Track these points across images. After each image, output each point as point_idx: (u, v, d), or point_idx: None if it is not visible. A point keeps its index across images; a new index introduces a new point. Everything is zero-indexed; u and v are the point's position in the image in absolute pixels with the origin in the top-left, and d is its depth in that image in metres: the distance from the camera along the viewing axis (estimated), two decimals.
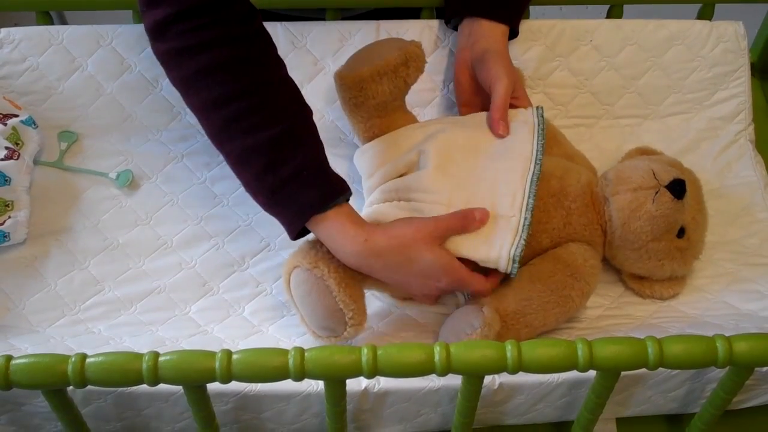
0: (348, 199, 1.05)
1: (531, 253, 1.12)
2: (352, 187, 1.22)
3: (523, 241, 1.06)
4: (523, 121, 1.17)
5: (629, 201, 1.13)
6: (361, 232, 1.02)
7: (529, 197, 1.09)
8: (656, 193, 1.12)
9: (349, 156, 1.25)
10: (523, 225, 1.07)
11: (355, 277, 1.05)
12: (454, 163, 1.13)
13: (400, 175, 1.14)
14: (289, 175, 1.01)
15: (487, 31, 1.24)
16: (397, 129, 1.19)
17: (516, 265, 1.05)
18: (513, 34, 1.28)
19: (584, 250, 1.13)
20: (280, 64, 1.06)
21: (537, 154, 1.13)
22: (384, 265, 1.03)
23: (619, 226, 1.13)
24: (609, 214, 1.15)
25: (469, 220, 1.06)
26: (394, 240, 1.03)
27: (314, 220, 1.02)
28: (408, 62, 1.13)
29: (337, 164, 1.28)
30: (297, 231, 1.03)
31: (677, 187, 1.12)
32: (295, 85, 1.06)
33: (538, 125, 1.16)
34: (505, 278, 1.10)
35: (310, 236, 1.06)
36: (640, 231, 1.13)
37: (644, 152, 1.27)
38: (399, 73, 1.13)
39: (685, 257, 1.16)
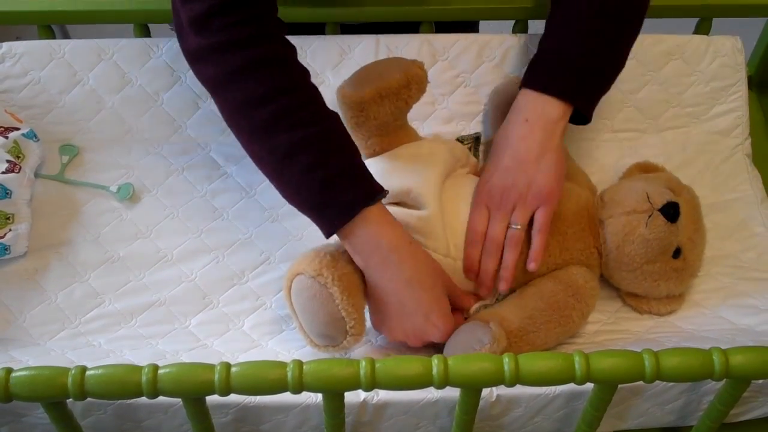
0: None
1: (529, 278, 1.14)
2: None
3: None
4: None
5: (623, 225, 1.14)
6: (400, 225, 1.06)
7: None
8: (649, 216, 1.12)
9: None
10: None
11: (358, 287, 1.05)
12: (446, 206, 1.13)
13: (400, 201, 1.14)
14: (339, 170, 1.02)
15: (527, 102, 1.16)
16: (398, 147, 1.19)
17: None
18: (580, 118, 1.18)
19: (584, 271, 1.14)
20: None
21: None
22: (400, 269, 1.04)
23: (614, 249, 1.14)
24: (604, 237, 1.16)
25: (465, 304, 1.13)
26: (422, 256, 1.06)
27: (362, 213, 1.03)
28: (410, 84, 1.12)
29: None
30: (343, 225, 1.03)
31: (670, 211, 1.12)
32: None
33: None
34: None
35: (321, 245, 1.07)
36: (634, 254, 1.13)
37: (644, 168, 1.28)
38: (401, 95, 1.12)
39: (682, 277, 1.16)
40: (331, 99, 1.10)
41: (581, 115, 1.17)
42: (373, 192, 1.04)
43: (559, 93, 1.13)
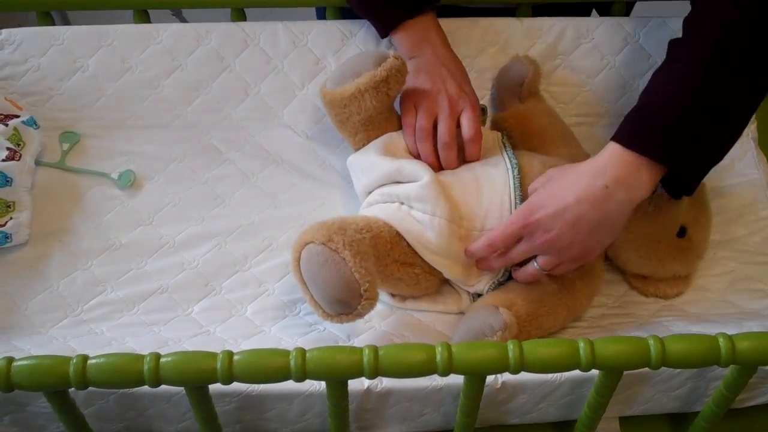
0: None
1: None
2: (353, 186, 1.22)
3: None
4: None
5: None
6: None
7: (515, 202, 1.11)
8: (653, 193, 1.12)
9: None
10: None
11: (369, 254, 1.04)
12: (442, 175, 1.14)
13: (395, 181, 1.14)
14: None
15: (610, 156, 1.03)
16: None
17: None
18: (679, 188, 1.07)
19: None
20: None
21: (510, 160, 1.16)
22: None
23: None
24: None
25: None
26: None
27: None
28: (388, 76, 1.12)
29: (338, 164, 1.29)
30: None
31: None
32: None
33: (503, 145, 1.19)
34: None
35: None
36: (638, 231, 1.13)
37: None
38: (380, 89, 1.12)
39: (687, 257, 1.16)
40: None
41: (677, 185, 1.07)
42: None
43: (660, 156, 1.00)
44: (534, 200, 1.06)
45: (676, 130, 0.99)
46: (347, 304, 1.01)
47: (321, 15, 1.43)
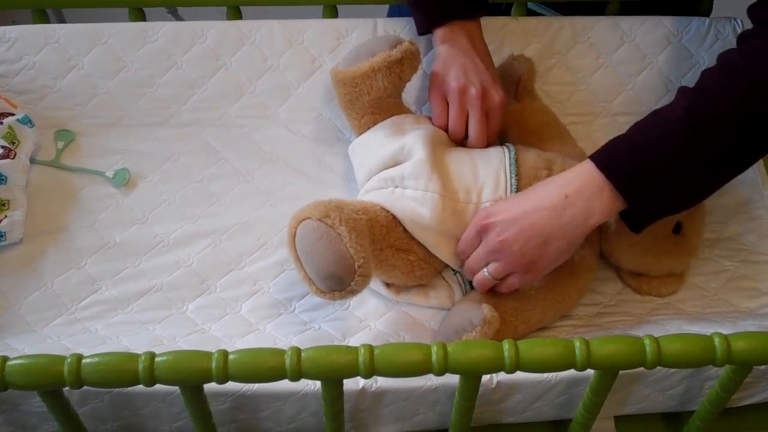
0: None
1: None
2: (349, 185, 1.22)
3: None
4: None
5: None
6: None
7: (510, 178, 1.12)
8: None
9: (347, 154, 1.24)
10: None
11: (364, 232, 1.04)
12: (437, 151, 1.14)
13: (392, 165, 1.15)
14: None
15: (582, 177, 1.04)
16: None
17: None
18: (635, 220, 1.05)
19: (580, 246, 1.13)
20: None
21: (508, 145, 1.17)
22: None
23: (614, 221, 1.14)
24: None
25: None
26: None
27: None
28: (402, 59, 1.13)
29: (334, 163, 1.28)
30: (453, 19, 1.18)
31: None
32: None
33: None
34: None
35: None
36: None
37: None
38: (393, 69, 1.13)
39: (681, 253, 1.16)
40: (328, 84, 1.09)
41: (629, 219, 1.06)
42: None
43: (623, 189, 1.01)
44: (498, 204, 1.08)
45: (647, 172, 1.00)
46: (341, 280, 1.01)
47: (393, 12, 1.45)
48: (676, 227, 1.14)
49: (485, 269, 1.07)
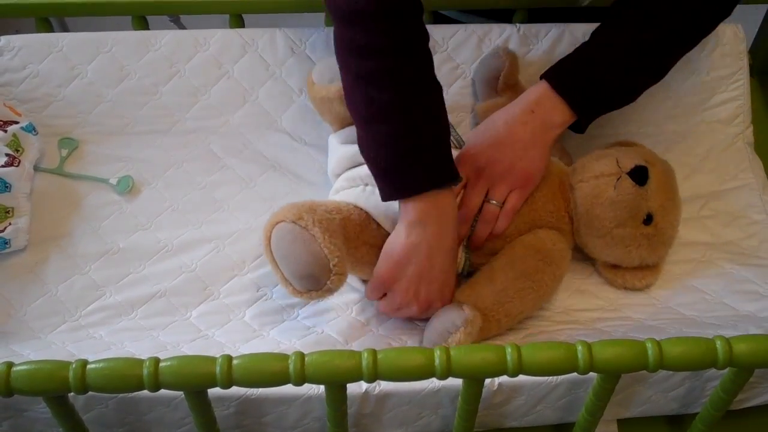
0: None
1: (499, 246, 1.16)
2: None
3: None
4: None
5: (592, 188, 1.15)
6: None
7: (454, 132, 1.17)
8: (618, 179, 1.13)
9: None
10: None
11: (338, 232, 1.06)
12: None
13: (354, 165, 1.17)
14: (429, 140, 1.05)
15: (541, 96, 1.17)
16: None
17: None
18: (577, 126, 1.18)
19: (552, 234, 1.16)
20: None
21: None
22: (445, 235, 1.08)
23: (584, 213, 1.15)
24: (574, 201, 1.16)
25: None
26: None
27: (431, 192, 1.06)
28: None
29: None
30: (407, 197, 1.05)
31: (638, 173, 1.13)
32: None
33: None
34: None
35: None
36: (603, 217, 1.14)
37: (623, 144, 1.27)
38: None
39: (653, 244, 1.16)
40: None
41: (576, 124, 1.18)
42: (449, 177, 1.07)
43: (575, 105, 1.15)
44: (473, 147, 1.16)
45: (600, 92, 1.15)
46: (317, 279, 1.03)
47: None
48: (647, 218, 1.15)
49: (491, 200, 1.14)
